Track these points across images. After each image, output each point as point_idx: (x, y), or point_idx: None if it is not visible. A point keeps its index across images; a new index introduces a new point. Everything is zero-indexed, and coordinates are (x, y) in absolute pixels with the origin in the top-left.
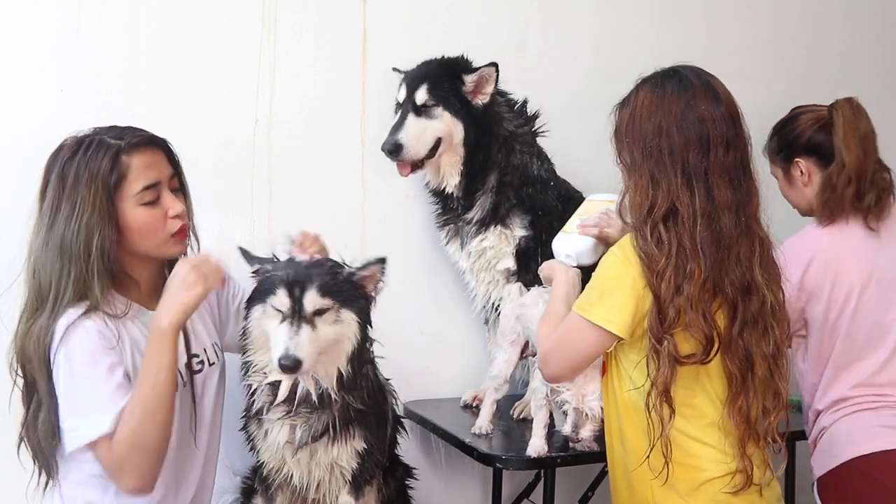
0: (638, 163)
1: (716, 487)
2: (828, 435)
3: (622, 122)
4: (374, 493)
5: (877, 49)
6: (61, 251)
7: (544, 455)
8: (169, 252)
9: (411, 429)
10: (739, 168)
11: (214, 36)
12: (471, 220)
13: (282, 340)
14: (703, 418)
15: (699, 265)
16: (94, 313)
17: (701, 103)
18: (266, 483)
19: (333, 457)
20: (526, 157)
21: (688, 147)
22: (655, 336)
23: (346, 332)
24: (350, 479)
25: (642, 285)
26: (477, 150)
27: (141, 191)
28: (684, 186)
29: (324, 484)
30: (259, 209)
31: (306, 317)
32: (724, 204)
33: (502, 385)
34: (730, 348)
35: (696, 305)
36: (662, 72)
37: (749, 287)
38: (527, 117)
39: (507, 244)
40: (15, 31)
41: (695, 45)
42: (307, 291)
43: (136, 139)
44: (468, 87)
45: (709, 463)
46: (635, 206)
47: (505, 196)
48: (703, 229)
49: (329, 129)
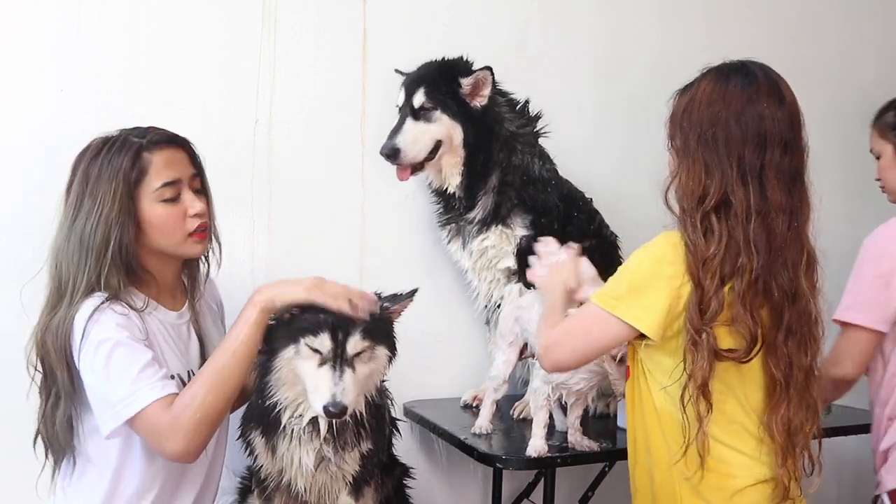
0: (692, 149)
1: (749, 498)
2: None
3: (679, 107)
4: (372, 492)
5: (877, 49)
6: (80, 244)
7: (544, 455)
8: (188, 251)
9: (411, 429)
10: (795, 174)
11: (214, 36)
12: (472, 219)
13: (327, 387)
14: (733, 423)
15: (751, 261)
16: (116, 302)
17: (764, 101)
18: (263, 485)
19: (341, 464)
20: (528, 157)
21: (745, 141)
22: (695, 328)
23: (378, 366)
24: (351, 481)
25: (677, 285)
26: (477, 150)
27: (160, 187)
28: (738, 180)
29: (324, 487)
30: (259, 209)
31: (348, 360)
32: (777, 205)
33: (501, 385)
34: (775, 353)
35: (745, 301)
36: (730, 63)
37: (795, 294)
38: (528, 118)
39: (509, 243)
40: (15, 31)
41: (695, 46)
42: (351, 336)
43: (158, 137)
44: (465, 90)
45: (740, 469)
46: (687, 193)
47: (506, 196)
48: (756, 226)
49: (329, 129)
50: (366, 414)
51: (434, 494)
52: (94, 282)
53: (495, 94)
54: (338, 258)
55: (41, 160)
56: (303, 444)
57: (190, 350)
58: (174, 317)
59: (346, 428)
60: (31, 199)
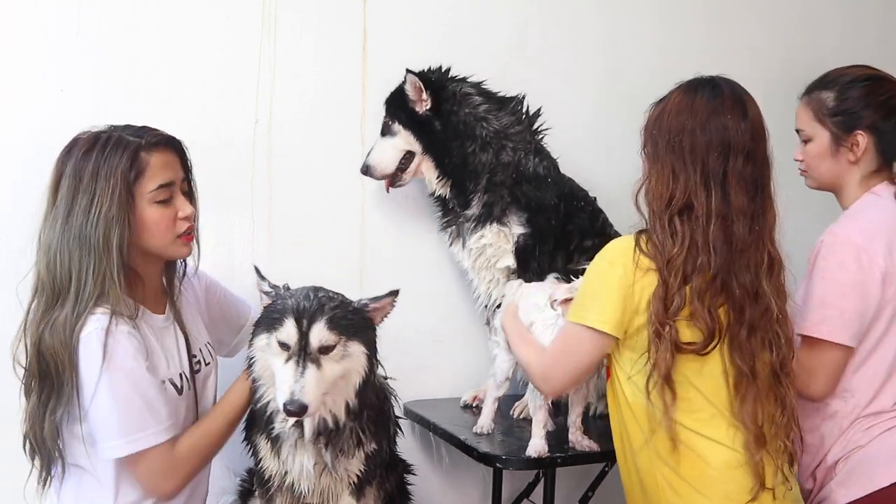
0: (661, 155)
1: (725, 485)
2: (862, 454)
3: (652, 117)
4: (374, 491)
5: (877, 49)
6: (80, 243)
7: (544, 455)
8: (175, 252)
9: (411, 428)
10: (757, 183)
11: (214, 36)
12: (469, 217)
13: (287, 384)
14: (700, 412)
15: (710, 261)
16: (121, 318)
17: (728, 113)
18: (266, 487)
19: (346, 465)
20: (520, 154)
21: (709, 149)
22: (659, 321)
23: (354, 365)
24: (354, 481)
25: (629, 283)
26: (441, 154)
27: (156, 189)
28: (701, 185)
29: (327, 488)
30: (259, 209)
31: (311, 355)
32: (738, 209)
33: (503, 383)
34: (739, 348)
35: (702, 298)
36: (700, 78)
37: (757, 293)
38: (519, 114)
39: (507, 242)
40: (15, 31)
41: (695, 45)
42: (315, 324)
43: (156, 138)
44: (412, 97)
45: (712, 455)
46: (656, 196)
47: (498, 195)
48: (716, 229)
49: (329, 129)
50: (364, 419)
51: (434, 494)
52: (97, 282)
53: (471, 94)
54: (338, 258)
55: (41, 160)
56: (300, 448)
57: (179, 351)
58: (160, 320)
59: (342, 435)
60: (32, 199)
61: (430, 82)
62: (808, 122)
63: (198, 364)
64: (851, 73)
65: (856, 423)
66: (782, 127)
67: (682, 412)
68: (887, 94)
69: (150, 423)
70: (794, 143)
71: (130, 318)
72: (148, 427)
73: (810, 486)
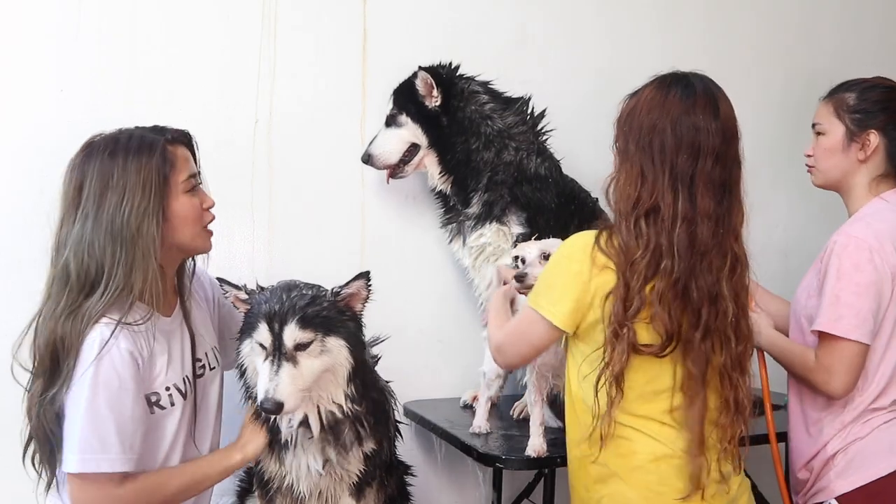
0: (631, 153)
1: (648, 475)
2: (860, 445)
3: (625, 111)
4: (374, 493)
5: (877, 49)
6: (112, 237)
7: (543, 454)
8: (201, 245)
9: (411, 428)
10: (725, 184)
11: (214, 36)
12: (470, 215)
13: (262, 383)
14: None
15: (673, 265)
16: (130, 330)
17: (699, 112)
18: (265, 488)
19: (346, 465)
20: (522, 154)
21: (678, 150)
22: (618, 321)
23: (336, 360)
24: (354, 482)
25: (585, 279)
26: (446, 150)
27: (187, 178)
28: (669, 187)
29: (327, 489)
30: (259, 209)
31: (287, 353)
32: (704, 212)
33: (493, 381)
34: (692, 351)
35: (663, 301)
36: (673, 74)
37: (716, 297)
38: (524, 115)
39: (506, 241)
40: (15, 31)
41: (695, 45)
42: (287, 325)
43: (175, 134)
44: (422, 92)
45: (641, 447)
46: (623, 197)
47: (499, 193)
48: (681, 231)
49: (329, 129)
50: (363, 410)
51: (434, 495)
52: (130, 272)
53: (479, 93)
54: (338, 258)
55: (41, 160)
56: (307, 449)
57: (184, 354)
58: (167, 322)
59: (343, 427)
60: (32, 199)
61: (441, 79)
62: (827, 117)
63: (202, 368)
64: (873, 81)
65: (858, 417)
66: (782, 127)
67: (624, 411)
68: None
69: (111, 448)
70: (795, 142)
71: (141, 323)
72: (108, 451)
73: (805, 476)
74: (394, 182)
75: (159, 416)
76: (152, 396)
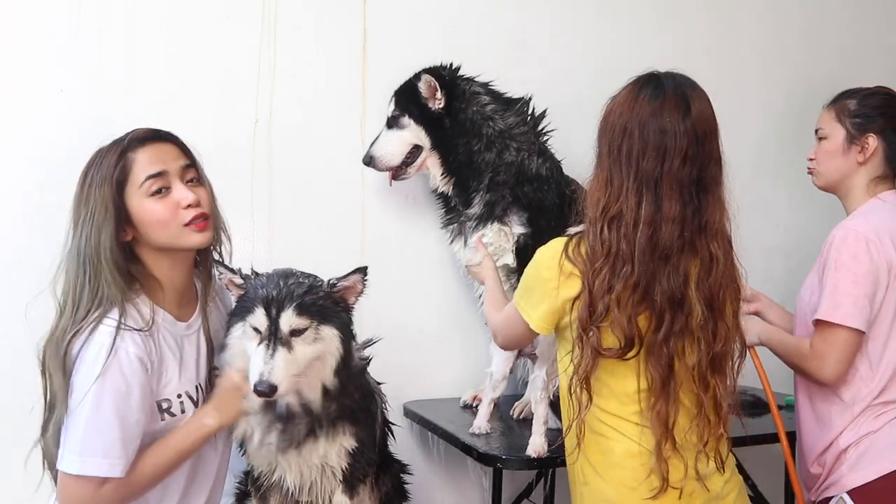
0: (603, 157)
1: (623, 471)
2: (873, 439)
3: (603, 115)
4: (368, 490)
5: (878, 49)
6: (78, 256)
7: (544, 454)
8: (188, 242)
9: (412, 429)
10: (694, 183)
11: (214, 36)
12: (471, 216)
13: (257, 366)
14: (613, 411)
15: (633, 269)
16: (131, 334)
17: (667, 114)
18: (258, 485)
19: (321, 455)
20: (523, 154)
21: (645, 155)
22: (583, 326)
23: (328, 348)
24: (342, 478)
25: (554, 286)
26: (449, 151)
27: (145, 181)
28: (633, 191)
29: (316, 484)
30: (259, 209)
31: (282, 338)
32: (668, 215)
33: (500, 383)
34: (653, 353)
35: (622, 306)
36: (648, 75)
37: (681, 300)
38: (525, 115)
39: (507, 241)
40: (15, 31)
41: (695, 45)
42: (284, 311)
43: (140, 134)
44: (425, 94)
45: (617, 445)
46: (593, 202)
47: (500, 194)
48: (642, 236)
49: (329, 129)
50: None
51: (434, 495)
52: (97, 290)
53: (480, 94)
54: (338, 258)
55: (41, 160)
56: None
57: (199, 361)
58: (183, 328)
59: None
60: (32, 200)
61: (444, 81)
62: (829, 122)
63: (217, 372)
64: (874, 89)
65: (867, 409)
66: (783, 128)
67: (597, 409)
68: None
69: (112, 453)
70: (796, 144)
71: (142, 330)
72: (108, 456)
73: (817, 471)
74: (394, 182)
75: (169, 422)
76: (163, 403)
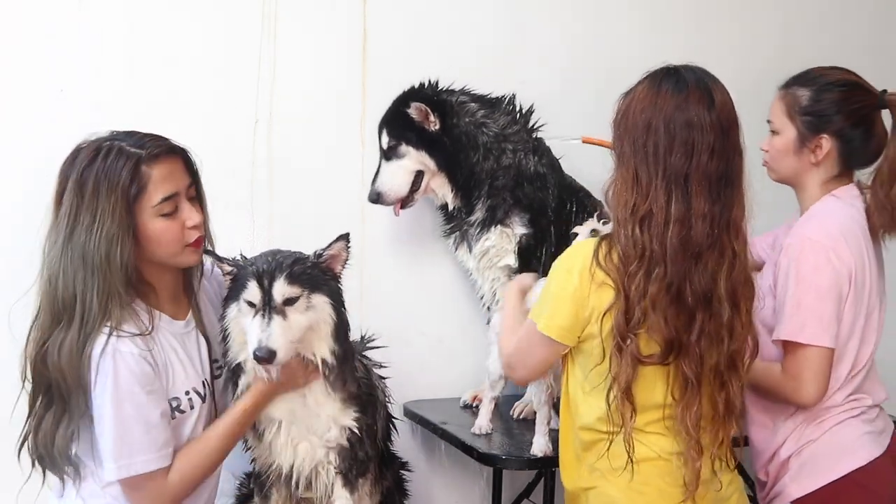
0: (627, 155)
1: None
2: (813, 448)
3: (619, 112)
4: (368, 486)
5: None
6: (83, 262)
7: (549, 454)
8: (184, 261)
9: (412, 429)
10: (722, 177)
11: (214, 36)
12: (474, 222)
13: (255, 333)
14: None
15: (665, 270)
16: (131, 338)
17: (692, 107)
18: (260, 481)
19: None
20: (520, 155)
21: (672, 151)
22: (621, 334)
23: (321, 315)
24: (339, 469)
25: (585, 294)
26: (455, 168)
27: (160, 202)
28: (663, 189)
29: (314, 475)
30: (259, 209)
31: (276, 307)
32: (698, 212)
33: (497, 382)
34: (687, 353)
35: (658, 308)
36: (665, 68)
37: (710, 298)
38: (515, 115)
39: (509, 242)
40: (15, 31)
41: (695, 46)
42: (276, 281)
43: (157, 149)
44: (418, 119)
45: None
46: (621, 203)
47: (501, 198)
48: (673, 235)
49: (329, 129)
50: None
51: (434, 495)
52: (102, 302)
53: (465, 102)
54: None
55: (41, 160)
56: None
57: (201, 357)
58: (181, 326)
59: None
60: (31, 199)
61: (433, 102)
62: (779, 116)
63: (219, 370)
64: (831, 76)
65: (809, 416)
66: None
67: None
68: (861, 103)
69: (144, 449)
70: None
71: (143, 335)
72: (142, 453)
73: (763, 478)
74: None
75: (179, 420)
76: (173, 402)
